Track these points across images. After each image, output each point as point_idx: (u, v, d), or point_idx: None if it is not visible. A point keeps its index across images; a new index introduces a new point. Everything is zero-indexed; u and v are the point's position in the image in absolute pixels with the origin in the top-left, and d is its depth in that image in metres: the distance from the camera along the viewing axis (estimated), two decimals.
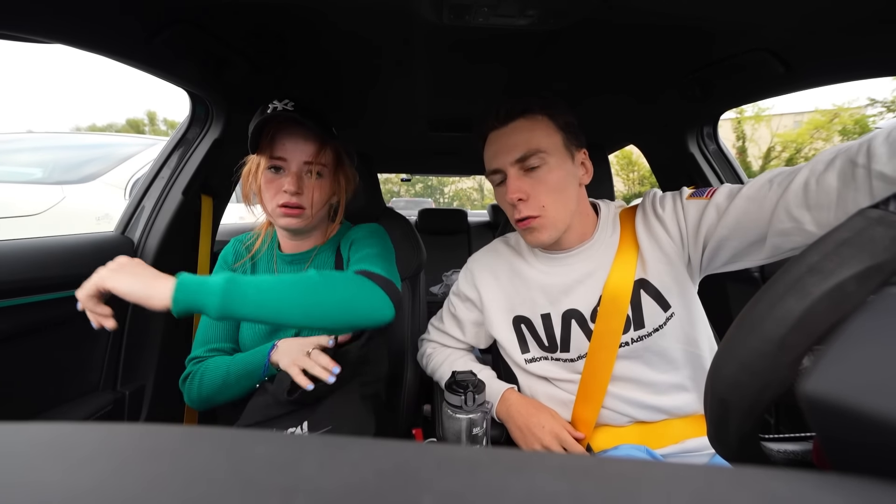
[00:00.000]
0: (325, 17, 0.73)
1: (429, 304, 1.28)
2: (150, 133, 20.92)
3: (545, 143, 0.68)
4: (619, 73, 0.96)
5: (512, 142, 0.69)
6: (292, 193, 0.75)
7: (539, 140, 0.68)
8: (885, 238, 0.21)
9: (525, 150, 0.67)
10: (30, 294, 0.74)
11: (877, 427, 0.15)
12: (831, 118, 12.23)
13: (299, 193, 0.76)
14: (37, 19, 0.61)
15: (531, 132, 0.68)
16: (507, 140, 0.69)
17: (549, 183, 0.68)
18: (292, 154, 0.76)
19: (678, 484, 0.13)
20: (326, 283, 0.64)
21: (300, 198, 0.76)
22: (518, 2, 0.60)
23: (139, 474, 0.13)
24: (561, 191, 0.69)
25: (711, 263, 0.69)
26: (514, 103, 0.70)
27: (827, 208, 0.51)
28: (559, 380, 0.77)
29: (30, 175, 1.94)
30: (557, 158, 0.68)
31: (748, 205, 0.60)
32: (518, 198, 0.68)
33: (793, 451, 0.28)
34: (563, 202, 0.69)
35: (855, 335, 0.19)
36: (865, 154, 0.47)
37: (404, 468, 0.14)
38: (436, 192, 28.25)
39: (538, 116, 0.69)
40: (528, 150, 0.67)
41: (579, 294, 0.74)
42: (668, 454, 0.70)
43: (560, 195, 0.69)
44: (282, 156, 0.76)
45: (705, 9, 0.64)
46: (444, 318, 0.93)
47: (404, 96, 1.16)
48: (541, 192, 0.68)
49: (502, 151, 0.69)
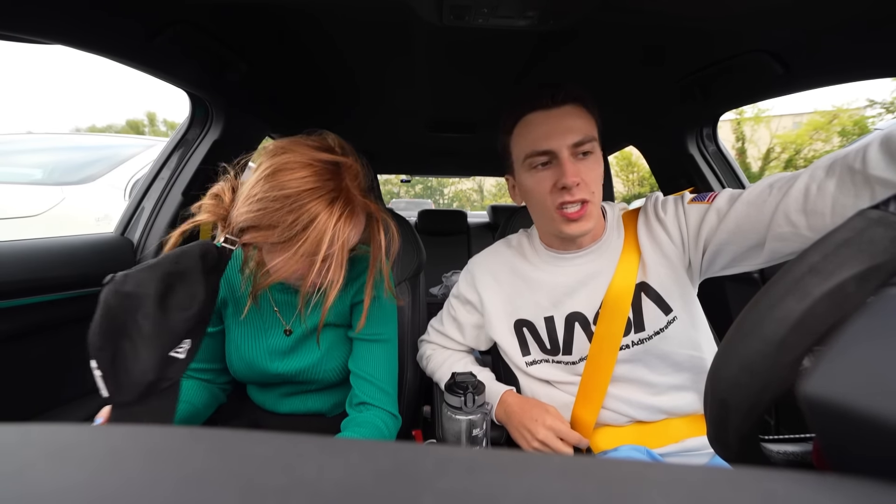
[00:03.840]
0: (325, 19, 0.73)
1: (428, 306, 1.28)
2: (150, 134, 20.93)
3: (595, 132, 0.69)
4: (619, 74, 0.96)
5: (567, 125, 0.66)
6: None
7: (590, 128, 0.68)
8: (885, 239, 0.21)
9: (583, 135, 0.66)
10: (30, 295, 0.74)
11: (876, 428, 0.15)
12: (830, 119, 12.26)
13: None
14: (37, 20, 0.61)
15: (582, 119, 0.68)
16: (559, 122, 0.67)
17: (597, 171, 0.68)
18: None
19: (678, 485, 0.13)
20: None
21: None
22: (518, 2, 0.60)
23: (138, 475, 0.13)
24: (601, 183, 0.69)
25: (711, 267, 0.69)
26: (569, 87, 0.68)
27: (822, 214, 0.51)
28: (559, 382, 0.77)
29: (30, 176, 1.94)
30: (599, 151, 0.70)
31: (748, 209, 0.60)
32: (576, 182, 0.66)
33: (793, 451, 0.28)
34: (600, 195, 0.70)
35: (855, 336, 0.19)
36: (861, 160, 0.47)
37: (404, 469, 0.14)
38: (435, 193, 28.27)
39: (583, 105, 0.69)
40: (586, 136, 0.67)
41: (583, 296, 0.74)
42: (668, 453, 0.70)
43: (600, 187, 0.70)
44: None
45: (705, 10, 0.64)
46: (443, 320, 0.93)
47: (405, 97, 1.16)
48: (591, 179, 0.68)
49: (556, 133, 0.66)
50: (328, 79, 1.02)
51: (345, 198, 0.60)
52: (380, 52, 0.86)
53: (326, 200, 0.58)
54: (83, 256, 0.83)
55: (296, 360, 0.76)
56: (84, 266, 0.80)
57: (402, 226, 1.20)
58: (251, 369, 0.76)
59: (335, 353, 0.77)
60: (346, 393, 0.84)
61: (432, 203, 14.99)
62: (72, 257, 0.82)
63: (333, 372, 0.77)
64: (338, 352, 0.77)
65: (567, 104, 0.67)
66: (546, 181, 0.68)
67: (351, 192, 0.61)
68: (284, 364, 0.76)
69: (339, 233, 0.59)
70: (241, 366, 0.76)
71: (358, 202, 0.62)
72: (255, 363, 0.75)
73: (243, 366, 0.76)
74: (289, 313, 0.77)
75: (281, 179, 0.57)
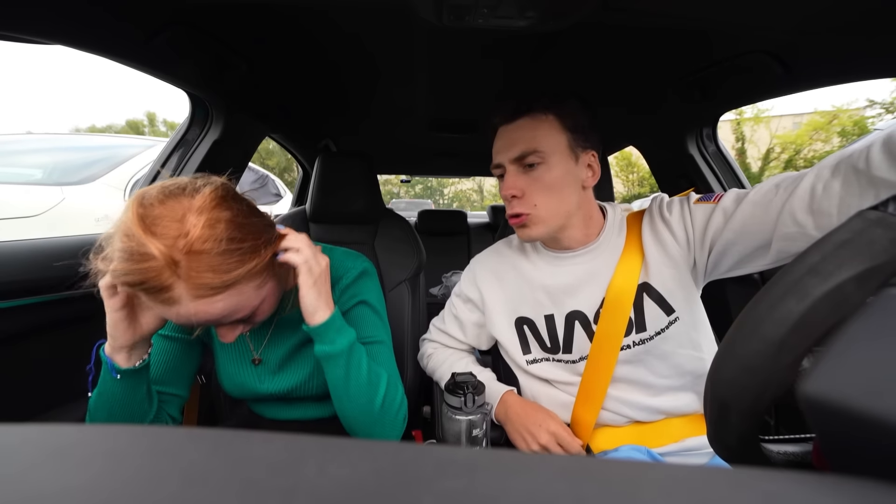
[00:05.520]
0: (325, 19, 0.73)
1: (428, 306, 1.28)
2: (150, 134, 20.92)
3: (546, 143, 0.68)
4: (619, 74, 0.96)
5: (514, 138, 0.70)
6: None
7: (540, 140, 0.68)
8: (884, 239, 0.21)
9: (524, 149, 0.68)
10: (30, 295, 0.74)
11: (876, 428, 0.15)
12: (830, 119, 12.26)
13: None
14: (37, 20, 0.61)
15: (534, 131, 0.69)
16: (510, 136, 0.71)
17: (544, 182, 0.69)
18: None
19: (678, 485, 0.13)
20: (383, 392, 0.66)
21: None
22: (517, 3, 0.60)
23: (138, 475, 0.13)
24: (557, 191, 0.69)
25: (717, 268, 0.69)
26: (522, 101, 0.71)
27: (829, 214, 0.51)
28: (560, 382, 0.77)
29: (29, 176, 1.94)
30: (558, 158, 0.69)
31: (754, 209, 0.60)
32: (511, 194, 0.70)
33: (793, 452, 0.28)
34: (556, 202, 0.70)
35: (854, 336, 0.19)
36: (865, 160, 0.47)
37: (404, 469, 0.14)
38: (435, 193, 28.28)
39: (544, 115, 0.69)
40: (527, 149, 0.68)
41: (583, 295, 0.74)
42: (668, 453, 0.70)
43: (555, 195, 0.69)
44: None
45: (704, 10, 0.64)
46: (445, 318, 0.93)
47: (404, 97, 1.16)
48: (535, 190, 0.69)
49: (504, 147, 0.71)
50: (328, 79, 1.02)
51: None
52: (380, 52, 0.86)
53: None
54: (83, 256, 0.83)
55: (285, 378, 0.75)
56: (84, 266, 0.80)
57: (403, 226, 1.20)
58: (243, 389, 0.75)
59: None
60: None
61: (432, 203, 15.00)
62: (72, 257, 0.81)
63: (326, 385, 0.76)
64: None
65: (521, 117, 0.70)
66: (502, 191, 0.73)
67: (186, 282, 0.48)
68: (274, 384, 0.74)
69: (214, 310, 0.51)
70: (232, 386, 0.75)
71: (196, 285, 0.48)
72: (246, 384, 0.75)
73: (234, 386, 0.75)
74: (258, 341, 0.75)
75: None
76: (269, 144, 5.13)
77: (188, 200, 0.50)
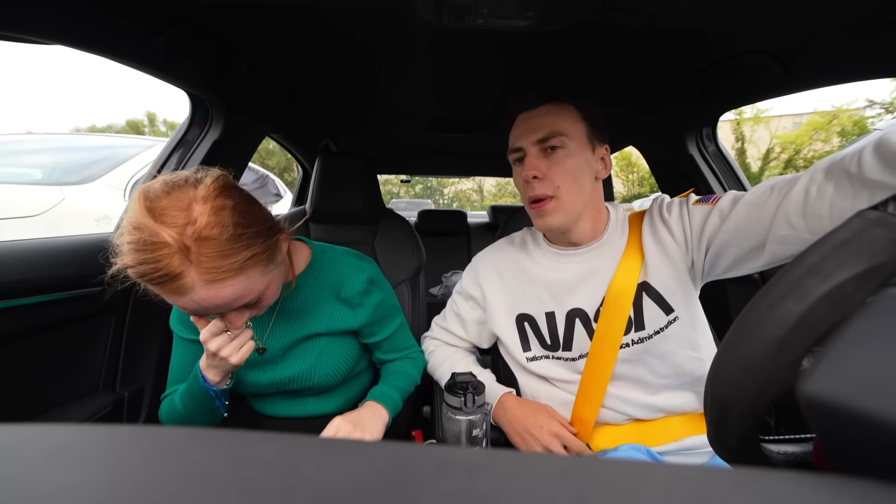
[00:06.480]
0: (325, 19, 0.73)
1: (428, 306, 1.28)
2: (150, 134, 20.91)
3: (568, 128, 0.71)
4: (619, 74, 0.96)
5: (537, 123, 0.72)
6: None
7: (563, 124, 0.71)
8: (884, 239, 0.21)
9: (548, 131, 0.70)
10: (29, 295, 0.74)
11: (876, 428, 0.15)
12: (830, 119, 12.26)
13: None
14: (37, 20, 0.61)
15: (557, 116, 0.71)
16: (532, 121, 0.72)
17: (565, 166, 0.70)
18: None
19: (678, 485, 0.13)
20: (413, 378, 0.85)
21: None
22: (517, 3, 0.60)
23: (138, 476, 0.13)
24: (576, 177, 0.71)
25: (713, 269, 0.69)
26: (543, 90, 0.73)
27: (821, 217, 0.52)
28: (559, 380, 0.77)
29: (29, 176, 1.94)
30: (578, 145, 0.71)
31: (749, 210, 0.61)
32: (533, 175, 0.70)
33: (793, 452, 0.28)
34: (577, 188, 0.71)
35: (854, 336, 0.19)
36: (857, 163, 0.47)
37: (404, 470, 0.14)
38: (435, 193, 28.28)
39: (566, 104, 0.73)
40: (552, 132, 0.70)
41: (584, 293, 0.74)
42: (667, 452, 0.70)
43: (575, 181, 0.71)
44: None
45: (704, 11, 0.64)
46: (447, 315, 0.94)
47: (404, 97, 1.16)
48: (557, 173, 0.70)
49: (527, 132, 0.72)
50: (328, 79, 1.02)
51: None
52: (380, 52, 0.86)
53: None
54: (83, 256, 0.83)
55: (287, 367, 0.75)
56: (84, 266, 0.80)
57: (403, 226, 1.20)
58: (247, 380, 0.75)
59: (328, 358, 0.76)
60: (347, 395, 0.83)
61: (432, 203, 14.99)
62: (72, 257, 0.82)
63: (329, 376, 0.76)
64: (331, 356, 0.77)
65: (544, 104, 0.73)
66: (519, 176, 0.74)
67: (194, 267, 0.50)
68: (277, 372, 0.75)
69: (225, 296, 0.52)
70: (235, 378, 0.75)
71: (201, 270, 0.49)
72: (250, 374, 0.75)
73: (238, 378, 0.75)
74: (261, 330, 0.75)
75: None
76: (269, 144, 5.13)
77: (192, 191, 0.51)
